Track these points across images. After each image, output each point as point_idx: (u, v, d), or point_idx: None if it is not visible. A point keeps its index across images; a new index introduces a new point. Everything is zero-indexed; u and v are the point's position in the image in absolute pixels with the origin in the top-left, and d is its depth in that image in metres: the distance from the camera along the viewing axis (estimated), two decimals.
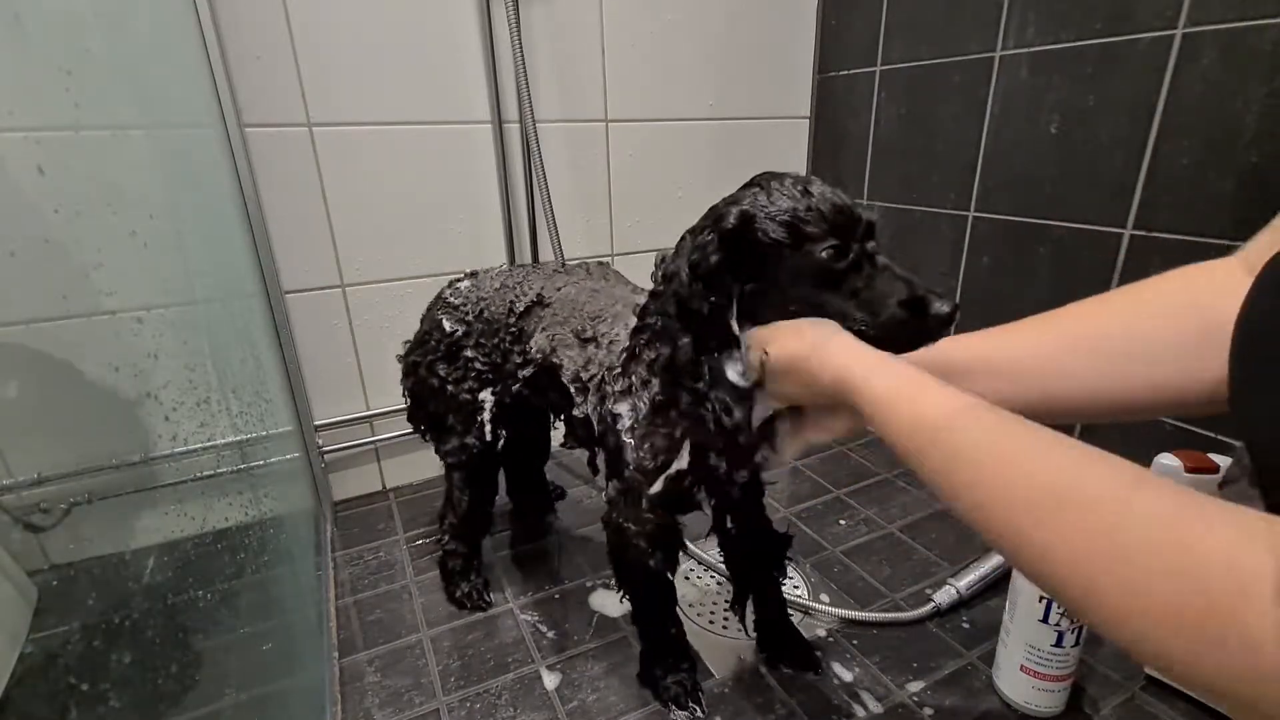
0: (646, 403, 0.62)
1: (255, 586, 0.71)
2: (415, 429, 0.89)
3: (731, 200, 0.56)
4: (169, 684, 0.58)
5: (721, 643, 0.83)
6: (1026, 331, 0.52)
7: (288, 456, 1.01)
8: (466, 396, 0.80)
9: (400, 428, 1.16)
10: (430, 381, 0.82)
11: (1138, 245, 0.87)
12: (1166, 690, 0.72)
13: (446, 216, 1.09)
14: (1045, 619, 0.67)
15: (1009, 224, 1.02)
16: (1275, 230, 0.45)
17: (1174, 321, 0.46)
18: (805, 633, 0.82)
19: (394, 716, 0.74)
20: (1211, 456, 0.70)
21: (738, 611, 0.80)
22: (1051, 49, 0.92)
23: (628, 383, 0.63)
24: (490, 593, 0.90)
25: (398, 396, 1.14)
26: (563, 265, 0.82)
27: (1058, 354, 0.50)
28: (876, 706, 0.73)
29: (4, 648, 0.77)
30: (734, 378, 0.56)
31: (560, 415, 0.81)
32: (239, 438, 0.75)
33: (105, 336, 0.74)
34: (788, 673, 0.78)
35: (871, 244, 0.52)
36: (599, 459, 0.75)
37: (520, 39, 1.00)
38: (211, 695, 0.66)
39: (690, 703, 0.73)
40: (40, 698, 0.74)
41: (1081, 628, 0.67)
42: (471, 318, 0.79)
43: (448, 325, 0.79)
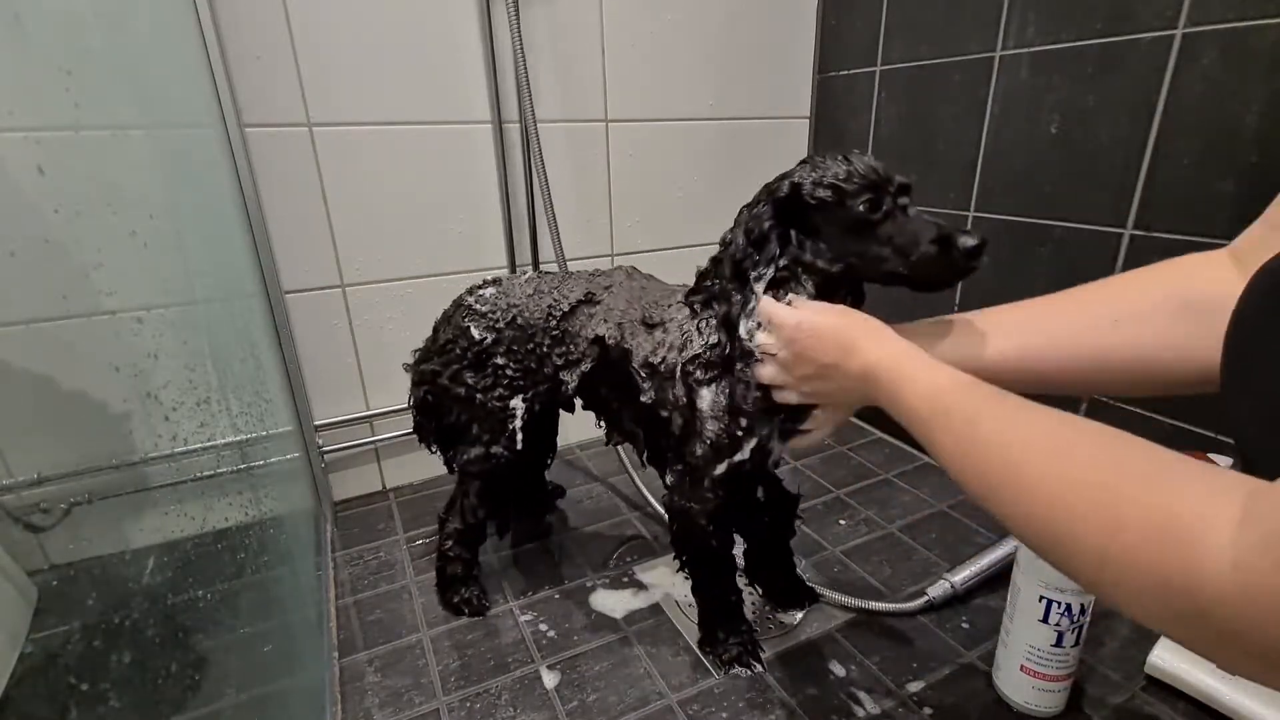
0: (727, 387, 0.67)
1: (255, 586, 0.71)
2: (421, 440, 0.88)
3: (783, 175, 0.63)
4: (169, 684, 0.58)
5: None
6: (1021, 305, 0.58)
7: (288, 456, 1.01)
8: (497, 404, 0.80)
9: (400, 428, 1.16)
10: (455, 390, 0.81)
11: (1138, 245, 0.87)
12: (1166, 690, 0.72)
13: (446, 216, 1.09)
14: (1045, 619, 0.67)
15: (1009, 224, 1.02)
16: (1266, 223, 0.47)
17: (1156, 294, 0.50)
18: (807, 632, 0.83)
19: (394, 716, 0.74)
20: (1212, 456, 0.70)
21: (751, 576, 0.89)
22: (1051, 49, 0.92)
23: (710, 369, 0.67)
24: (487, 599, 0.90)
25: (398, 396, 1.14)
26: (597, 270, 0.83)
27: (1040, 315, 0.55)
28: (876, 706, 0.73)
29: (4, 648, 0.77)
30: (742, 332, 0.63)
31: (603, 412, 0.83)
32: (239, 438, 0.75)
33: (105, 336, 0.74)
34: (788, 673, 0.78)
35: (905, 199, 0.59)
36: (645, 453, 0.80)
37: (520, 39, 1.00)
38: (212, 695, 0.66)
39: (751, 660, 0.78)
40: (40, 698, 0.74)
41: (1081, 628, 0.67)
42: (502, 325, 0.78)
43: (476, 333, 0.78)
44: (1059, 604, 0.66)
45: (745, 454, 0.68)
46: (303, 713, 0.70)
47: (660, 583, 0.93)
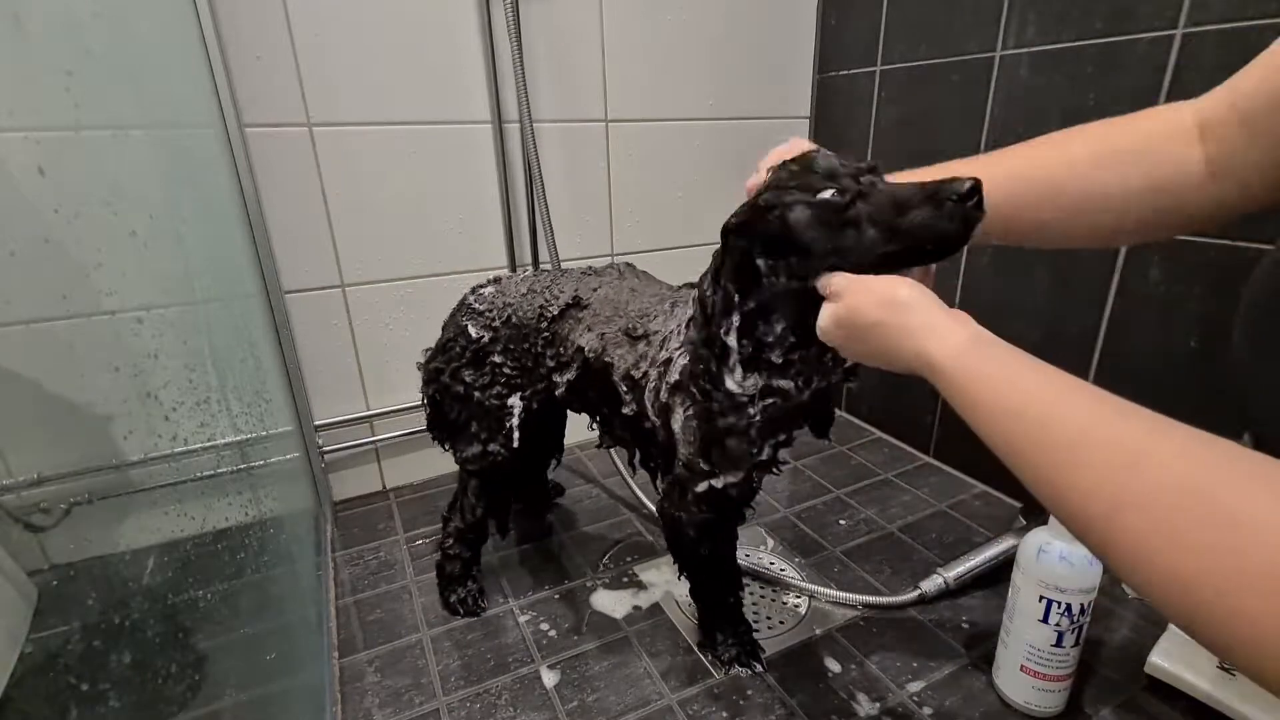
0: (694, 402, 0.65)
1: (255, 586, 0.71)
2: (434, 438, 0.88)
3: (737, 212, 0.59)
4: (169, 684, 0.58)
5: None
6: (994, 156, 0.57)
7: (288, 456, 1.01)
8: (494, 402, 0.80)
9: (400, 428, 1.16)
10: (455, 388, 0.81)
11: (1138, 245, 0.86)
12: (1166, 690, 0.72)
13: (446, 217, 1.09)
14: (1045, 619, 0.67)
15: None
16: (1230, 87, 0.47)
17: (1118, 133, 0.52)
18: (807, 632, 0.83)
19: (394, 716, 0.74)
20: None
21: None
22: (1051, 49, 0.92)
23: (683, 393, 0.66)
24: (485, 599, 0.90)
25: (398, 396, 1.15)
26: (590, 268, 0.83)
27: (1020, 161, 0.55)
28: (876, 706, 0.73)
29: (4, 648, 0.77)
30: (731, 387, 0.60)
31: (595, 416, 0.82)
32: (239, 438, 0.75)
33: (105, 336, 0.74)
34: (788, 673, 0.78)
35: (872, 177, 0.53)
36: (636, 457, 0.80)
37: (519, 39, 1.00)
38: (212, 695, 0.66)
39: (751, 660, 0.78)
40: (40, 698, 0.74)
41: (1081, 628, 0.67)
42: (499, 323, 0.79)
43: (473, 331, 0.79)
44: (1059, 604, 0.66)
45: (720, 484, 0.67)
46: (303, 713, 0.70)
47: (660, 582, 0.93)
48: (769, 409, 0.62)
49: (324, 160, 0.98)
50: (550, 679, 0.78)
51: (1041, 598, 0.66)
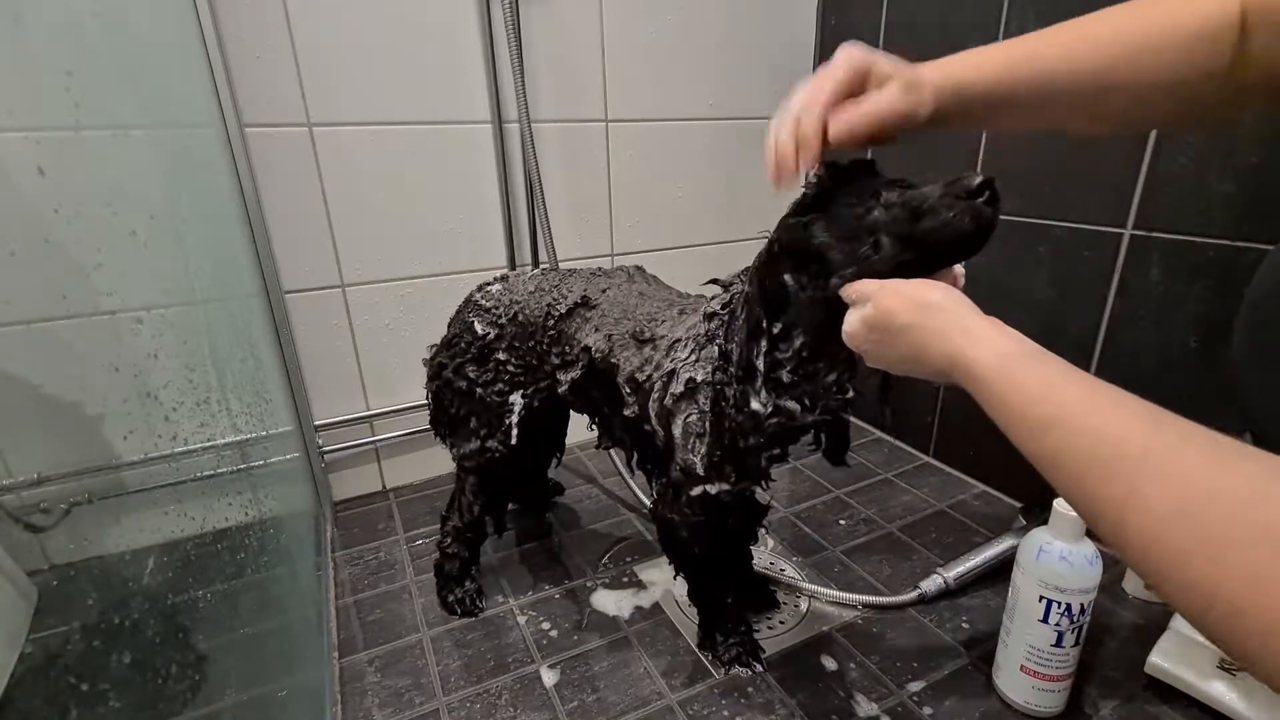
0: (702, 406, 0.66)
1: (255, 586, 0.71)
2: (437, 434, 0.89)
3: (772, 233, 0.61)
4: (169, 684, 0.58)
5: None
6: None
7: (288, 456, 1.01)
8: (495, 399, 0.81)
9: (400, 428, 1.16)
10: (457, 384, 0.82)
11: (1138, 245, 0.87)
12: (1166, 690, 0.72)
13: (446, 217, 1.09)
14: (1045, 619, 0.67)
15: (1009, 224, 1.02)
16: None
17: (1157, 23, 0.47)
18: (807, 632, 0.83)
19: (394, 716, 0.74)
20: None
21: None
22: None
23: (691, 376, 0.66)
24: (483, 599, 0.90)
25: (398, 396, 1.15)
26: (600, 269, 0.83)
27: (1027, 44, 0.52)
28: (876, 706, 0.73)
29: (4, 648, 0.77)
30: (756, 408, 0.61)
31: (595, 416, 0.82)
32: (239, 438, 0.75)
33: (105, 336, 0.74)
34: (788, 673, 0.78)
35: (895, 192, 0.53)
36: (634, 458, 0.80)
37: (519, 39, 1.00)
38: (212, 695, 0.66)
39: (751, 660, 0.78)
40: (40, 698, 0.74)
41: (1081, 628, 0.67)
42: (505, 320, 0.79)
43: (479, 328, 0.80)
44: (1059, 604, 0.66)
45: (715, 489, 0.67)
46: (303, 713, 0.70)
47: (660, 582, 0.93)
48: (772, 427, 0.62)
49: (324, 160, 0.98)
50: (550, 679, 0.78)
51: (1041, 598, 0.66)
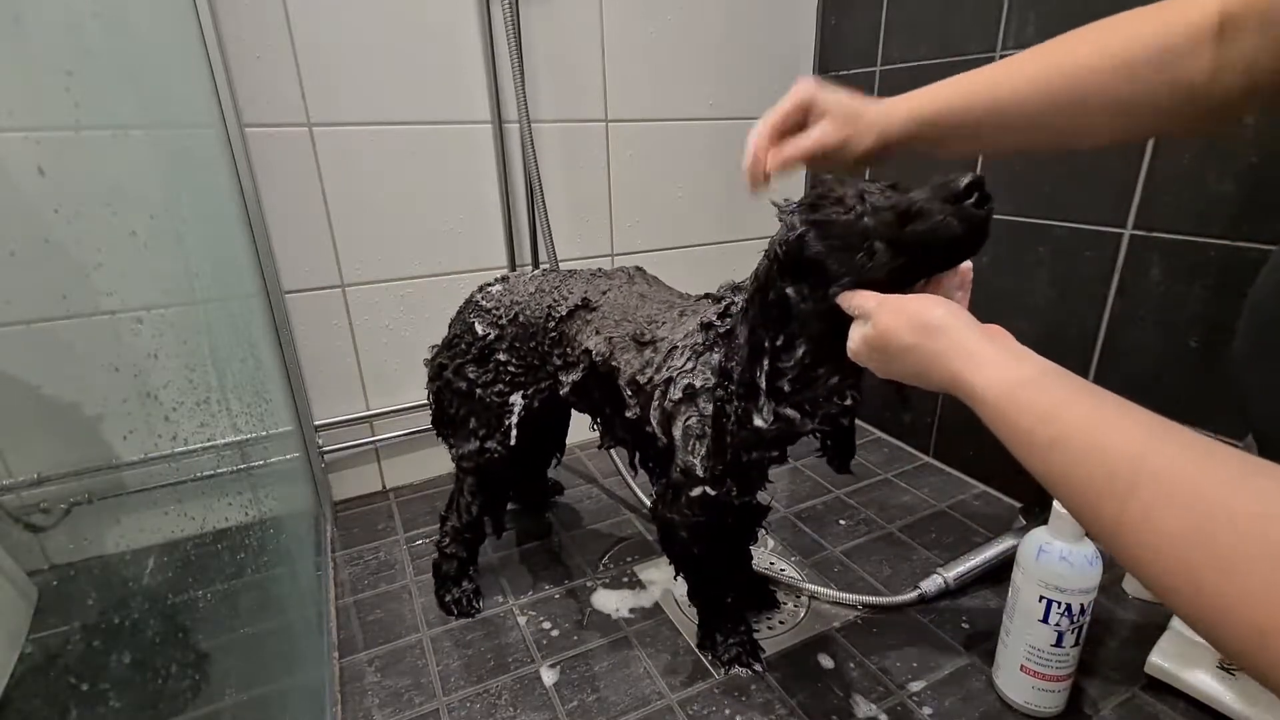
0: (702, 410, 0.66)
1: (255, 586, 0.71)
2: (439, 434, 0.88)
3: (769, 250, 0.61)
4: (169, 684, 0.58)
5: None
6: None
7: (288, 456, 1.01)
8: (495, 399, 0.81)
9: (400, 428, 1.16)
10: (457, 384, 0.82)
11: (1138, 245, 0.87)
12: (1166, 690, 0.72)
13: (446, 217, 1.09)
14: (1045, 619, 0.67)
15: (1009, 224, 1.02)
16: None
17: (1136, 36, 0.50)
18: (806, 632, 0.83)
19: (394, 716, 0.74)
20: None
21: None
22: None
23: (689, 383, 0.67)
24: (481, 600, 0.89)
25: (398, 397, 1.15)
26: (600, 270, 0.83)
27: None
28: (876, 706, 0.73)
29: (4, 648, 0.77)
30: (759, 424, 0.61)
31: (597, 417, 0.83)
32: (239, 438, 0.75)
33: (105, 336, 0.74)
34: (788, 673, 0.78)
35: (884, 196, 0.53)
36: (637, 457, 0.81)
37: (519, 39, 1.00)
38: (212, 695, 0.66)
39: (751, 660, 0.78)
40: (40, 698, 0.74)
41: (1081, 628, 0.67)
42: (505, 321, 0.79)
43: (480, 328, 0.80)
44: (1059, 604, 0.66)
45: (714, 491, 0.68)
46: (303, 713, 0.70)
47: (660, 581, 0.93)
48: (773, 432, 0.63)
49: (324, 160, 0.98)
50: (550, 678, 0.78)
51: (1041, 598, 0.66)
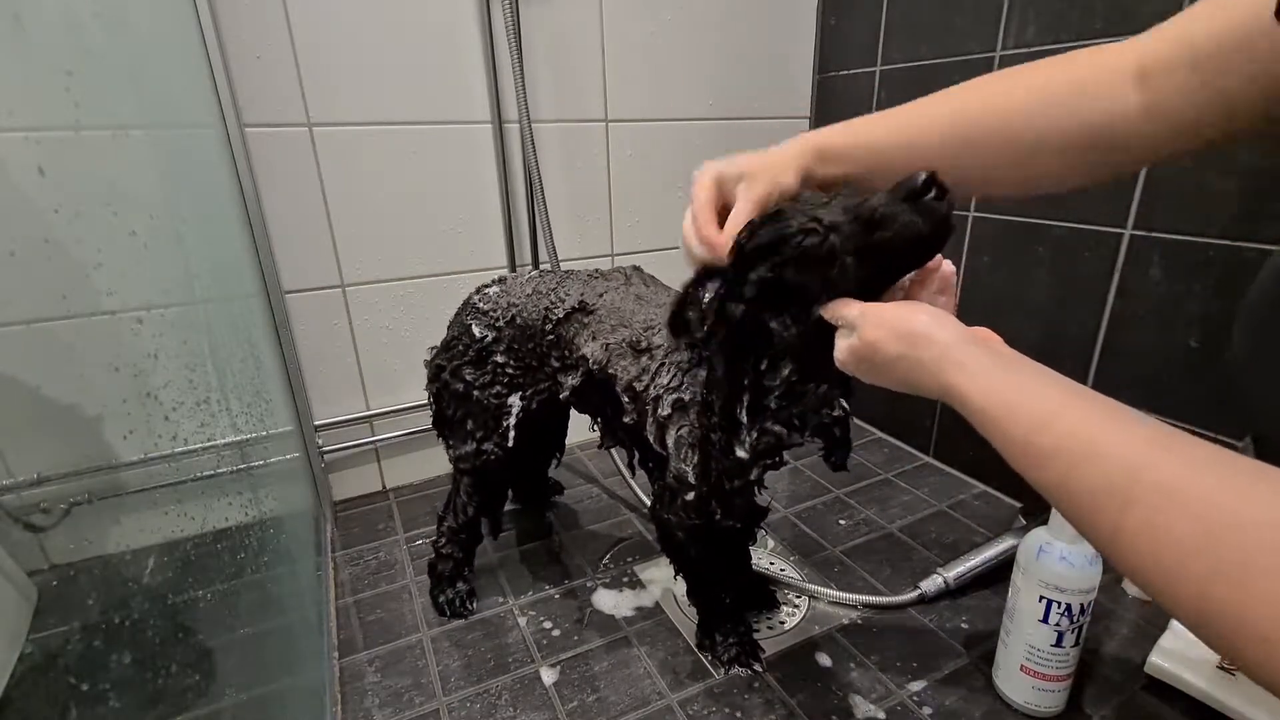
0: (691, 421, 0.66)
1: (255, 586, 0.71)
2: (439, 435, 0.88)
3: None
4: (169, 684, 0.58)
5: None
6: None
7: (288, 456, 1.01)
8: (493, 401, 0.81)
9: (400, 428, 1.16)
10: (455, 386, 0.82)
11: (1138, 245, 0.87)
12: (1166, 690, 0.72)
13: (446, 216, 1.09)
14: (1045, 619, 0.67)
15: (1009, 224, 1.02)
16: (1177, 23, 0.45)
17: (1056, 76, 0.50)
18: (806, 632, 0.83)
19: (394, 716, 0.74)
20: None
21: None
22: (1051, 49, 0.91)
23: (678, 397, 0.67)
24: (475, 601, 0.89)
25: (398, 396, 1.15)
26: (597, 271, 0.83)
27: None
28: (876, 706, 0.73)
29: (4, 648, 0.77)
30: (741, 455, 0.62)
31: (598, 418, 0.83)
32: (239, 438, 0.75)
33: (105, 336, 0.74)
34: (788, 672, 0.78)
35: (834, 206, 0.51)
36: (636, 457, 0.81)
37: (519, 39, 1.00)
38: (212, 695, 0.66)
39: (751, 660, 0.78)
40: (40, 698, 0.74)
41: (1081, 628, 0.67)
42: (502, 323, 0.79)
43: (477, 331, 0.80)
44: (1059, 604, 0.66)
45: (704, 507, 0.68)
46: (303, 713, 0.70)
47: (661, 581, 0.93)
48: (762, 446, 0.63)
49: (324, 160, 0.98)
50: (550, 678, 0.78)
51: (1041, 598, 0.66)
